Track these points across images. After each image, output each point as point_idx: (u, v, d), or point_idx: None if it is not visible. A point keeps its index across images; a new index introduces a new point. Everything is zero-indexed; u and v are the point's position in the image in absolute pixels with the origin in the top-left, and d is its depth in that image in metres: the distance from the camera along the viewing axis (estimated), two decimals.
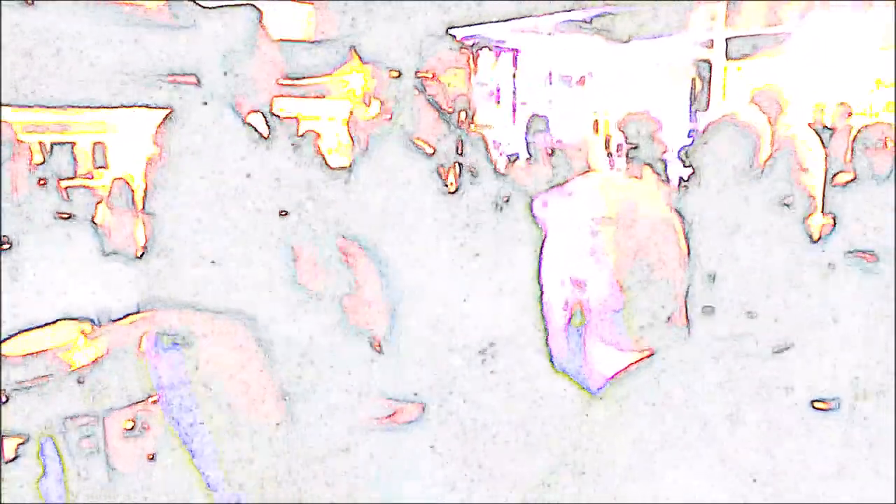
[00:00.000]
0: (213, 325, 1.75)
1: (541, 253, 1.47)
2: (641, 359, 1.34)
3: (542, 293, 1.47)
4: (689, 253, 1.48)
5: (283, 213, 1.74)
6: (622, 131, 1.81)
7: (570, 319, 1.38)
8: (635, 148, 1.71)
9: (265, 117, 1.79)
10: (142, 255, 1.75)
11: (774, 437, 1.50)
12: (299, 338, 1.82)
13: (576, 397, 1.44)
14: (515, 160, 2.01)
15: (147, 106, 1.77)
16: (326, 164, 1.96)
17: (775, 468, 1.47)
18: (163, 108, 1.78)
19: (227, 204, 1.78)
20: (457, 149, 1.96)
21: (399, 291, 1.80)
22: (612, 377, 1.36)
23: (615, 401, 1.39)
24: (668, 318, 1.39)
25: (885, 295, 1.65)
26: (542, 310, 1.47)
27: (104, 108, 1.78)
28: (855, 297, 1.66)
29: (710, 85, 5.13)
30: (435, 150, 1.85)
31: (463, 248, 1.69)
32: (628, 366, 1.34)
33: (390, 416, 1.76)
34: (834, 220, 1.72)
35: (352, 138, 2.02)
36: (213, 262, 1.75)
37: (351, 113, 2.00)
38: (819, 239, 1.70)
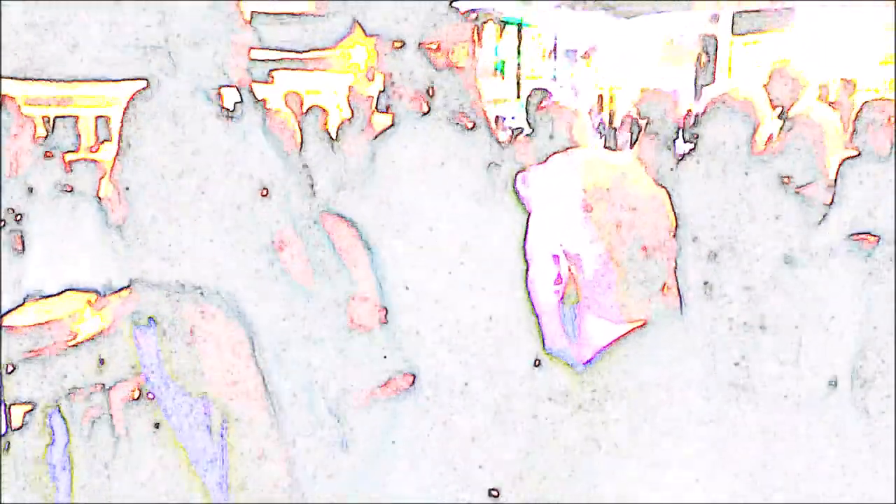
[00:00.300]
0: (194, 304, 1.76)
1: (526, 230, 1.47)
2: (632, 330, 1.35)
3: (527, 270, 1.47)
4: (677, 227, 1.49)
5: (265, 194, 1.74)
6: (636, 108, 1.81)
7: (563, 296, 1.39)
8: (648, 124, 1.71)
9: (239, 93, 1.79)
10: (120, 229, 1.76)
11: (771, 416, 1.52)
12: (282, 314, 1.83)
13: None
14: (519, 134, 2.01)
15: (144, 79, 1.78)
16: (332, 140, 1.97)
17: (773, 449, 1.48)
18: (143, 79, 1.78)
19: (204, 182, 1.78)
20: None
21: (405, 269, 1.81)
22: (603, 349, 1.37)
23: (602, 377, 1.40)
24: (660, 292, 1.40)
25: (887, 278, 1.65)
26: (527, 286, 1.48)
27: (104, 81, 1.79)
28: (856, 279, 1.67)
29: (716, 60, 5.11)
30: (475, 125, 1.84)
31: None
32: (619, 337, 1.36)
33: (383, 385, 1.78)
34: (836, 198, 1.72)
35: (352, 112, 2.03)
36: (187, 239, 1.76)
37: (352, 87, 2.00)
38: (823, 219, 1.70)
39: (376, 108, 1.97)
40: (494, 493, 1.65)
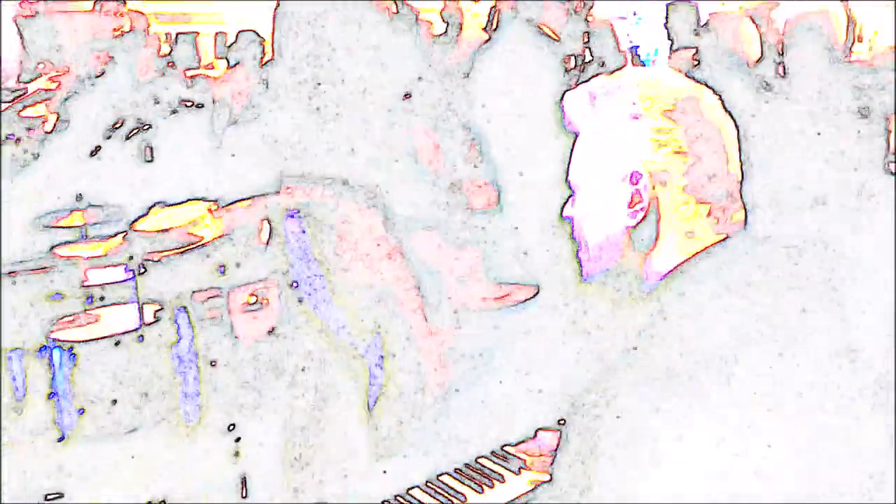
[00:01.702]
0: (340, 199, 1.87)
1: (571, 154, 1.45)
2: (699, 252, 1.34)
3: (570, 197, 1.45)
4: (740, 152, 1.44)
5: (407, 97, 1.80)
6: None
7: (644, 216, 1.38)
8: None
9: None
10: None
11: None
12: (417, 215, 1.92)
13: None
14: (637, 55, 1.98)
15: None
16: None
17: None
18: None
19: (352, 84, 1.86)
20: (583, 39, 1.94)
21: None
22: (667, 274, 1.37)
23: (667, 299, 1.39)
24: (725, 214, 1.37)
25: None
26: (562, 214, 1.46)
27: None
28: None
29: None
30: (560, 38, 1.84)
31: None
32: (684, 262, 1.35)
33: (500, 297, 1.84)
34: None
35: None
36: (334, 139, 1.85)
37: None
38: None
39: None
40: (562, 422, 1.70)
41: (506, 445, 2.08)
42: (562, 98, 1.46)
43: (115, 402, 1.83)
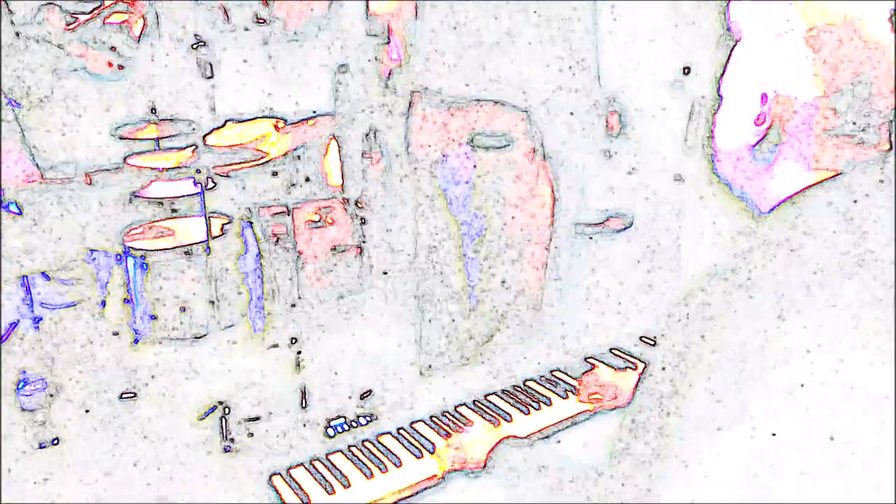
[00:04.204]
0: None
1: (727, 63, 1.43)
2: (825, 179, 1.33)
3: (719, 107, 1.43)
4: None
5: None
6: None
7: (763, 137, 1.37)
8: None
9: None
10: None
11: None
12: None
13: None
14: None
15: None
16: None
17: None
18: None
19: None
20: None
21: None
22: (787, 198, 1.36)
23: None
24: (866, 143, 1.34)
25: None
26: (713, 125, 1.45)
27: None
28: None
29: None
30: None
31: None
32: (809, 186, 1.34)
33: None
34: None
35: None
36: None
37: None
38: None
39: None
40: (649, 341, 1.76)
41: (556, 370, 2.16)
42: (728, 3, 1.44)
43: (183, 309, 1.90)
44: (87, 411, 1.80)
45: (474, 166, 2.17)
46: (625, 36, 2.19)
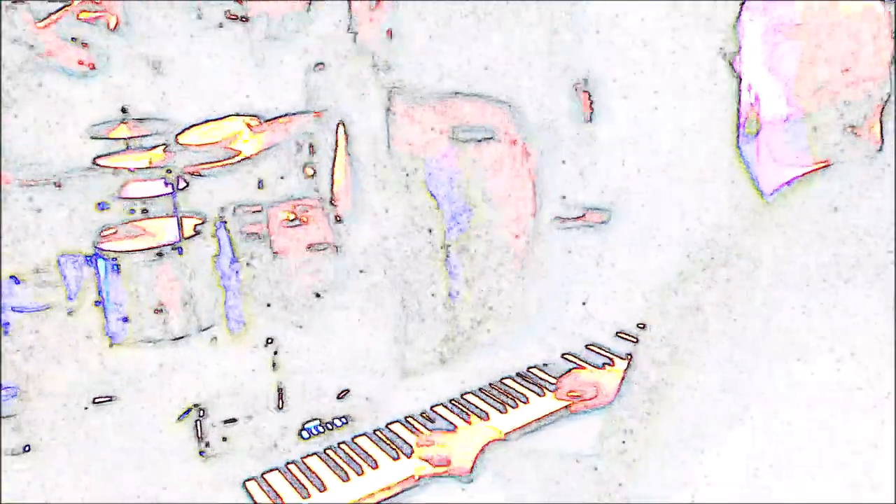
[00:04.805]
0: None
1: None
2: (815, 170, 1.31)
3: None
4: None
5: None
6: None
7: (744, 122, 1.36)
8: None
9: None
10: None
11: None
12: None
13: None
14: None
15: None
16: None
17: None
18: None
19: None
20: None
21: None
22: (786, 184, 1.34)
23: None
24: (854, 130, 1.32)
25: None
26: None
27: None
28: None
29: None
30: None
31: None
32: (802, 174, 1.32)
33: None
34: None
35: None
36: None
37: None
38: None
39: None
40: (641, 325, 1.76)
41: (532, 368, 2.15)
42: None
43: (157, 311, 1.88)
44: (61, 418, 1.79)
45: (456, 160, 2.15)
46: (612, 17, 2.16)
